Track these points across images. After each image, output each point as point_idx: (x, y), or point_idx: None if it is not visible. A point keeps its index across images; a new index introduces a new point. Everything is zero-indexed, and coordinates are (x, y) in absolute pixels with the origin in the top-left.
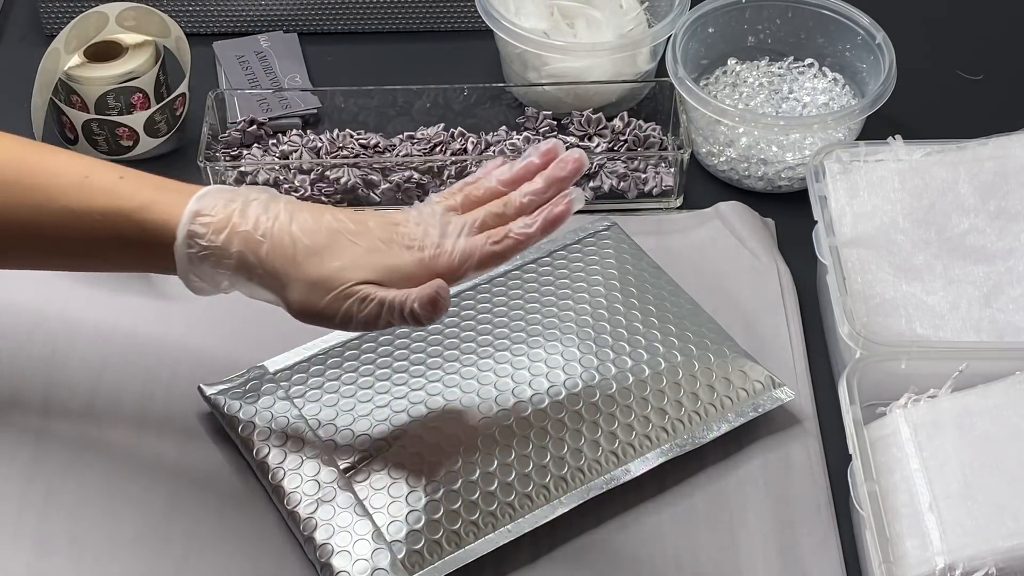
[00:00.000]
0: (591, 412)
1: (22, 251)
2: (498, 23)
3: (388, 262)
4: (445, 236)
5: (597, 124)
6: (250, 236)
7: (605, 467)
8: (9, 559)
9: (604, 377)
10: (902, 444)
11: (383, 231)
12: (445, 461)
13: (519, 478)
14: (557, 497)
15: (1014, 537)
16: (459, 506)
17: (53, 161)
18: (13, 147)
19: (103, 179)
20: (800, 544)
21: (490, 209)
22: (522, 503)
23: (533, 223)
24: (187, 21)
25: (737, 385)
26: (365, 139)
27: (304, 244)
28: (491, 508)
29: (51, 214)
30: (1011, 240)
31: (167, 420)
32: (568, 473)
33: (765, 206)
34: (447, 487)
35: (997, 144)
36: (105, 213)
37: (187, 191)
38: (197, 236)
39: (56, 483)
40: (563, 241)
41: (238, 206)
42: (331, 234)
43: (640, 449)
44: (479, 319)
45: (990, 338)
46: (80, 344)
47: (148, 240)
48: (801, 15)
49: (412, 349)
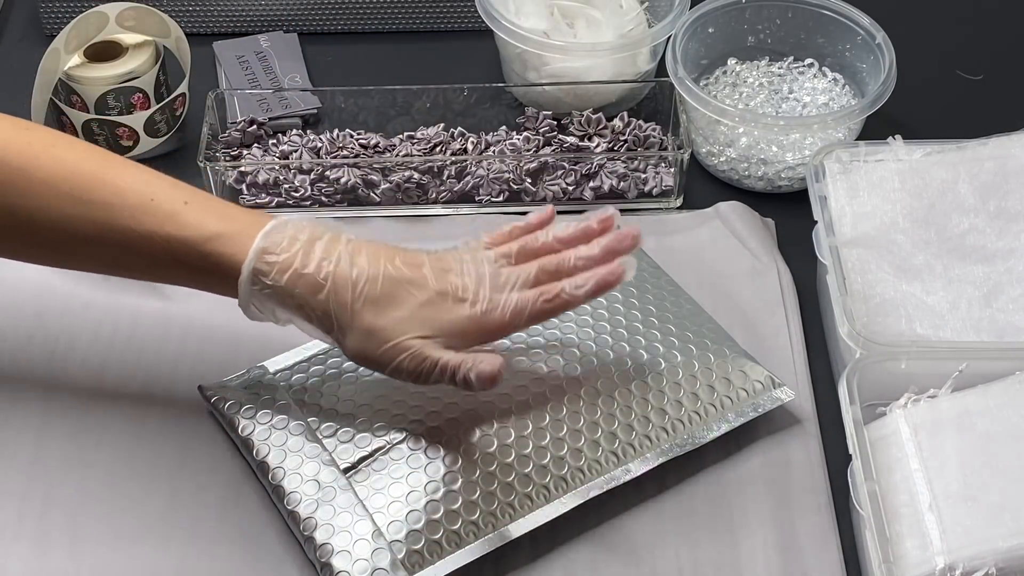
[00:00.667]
0: (591, 412)
1: (81, 260)
2: (498, 23)
3: (442, 317)
4: (497, 290)
5: (597, 124)
6: (313, 280)
7: (605, 467)
8: (9, 559)
9: (604, 377)
10: (902, 444)
11: (438, 281)
12: (445, 461)
13: (519, 478)
14: (557, 497)
15: (1014, 537)
16: (459, 506)
17: (118, 177)
18: (77, 158)
19: (168, 203)
20: (800, 544)
21: (543, 266)
22: (522, 503)
23: (584, 284)
24: (187, 21)
25: (737, 385)
26: (365, 139)
27: (363, 292)
28: (491, 508)
29: (113, 232)
30: (1011, 240)
31: (167, 420)
32: (568, 473)
33: (765, 206)
34: (447, 487)
35: (997, 144)
36: (169, 239)
37: (254, 223)
38: (262, 274)
39: (56, 483)
40: None
41: (302, 246)
42: (388, 282)
43: (640, 449)
44: None
45: (990, 338)
46: (80, 344)
47: (212, 270)
48: (801, 15)
49: None
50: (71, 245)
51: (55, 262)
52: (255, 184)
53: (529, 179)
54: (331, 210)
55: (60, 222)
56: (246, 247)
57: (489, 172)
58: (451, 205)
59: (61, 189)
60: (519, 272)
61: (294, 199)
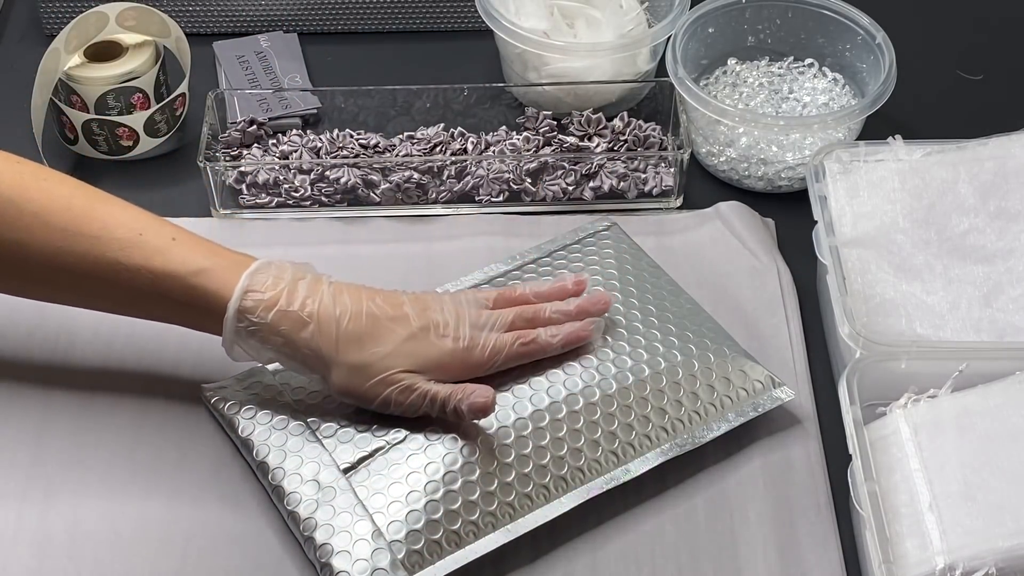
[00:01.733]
0: (590, 412)
1: (66, 293)
2: (498, 23)
3: (425, 351)
4: (478, 328)
5: (597, 124)
6: (297, 317)
7: (605, 467)
8: (9, 559)
9: (604, 377)
10: (902, 444)
11: (419, 318)
12: (445, 461)
13: (519, 478)
14: (557, 497)
15: (1014, 537)
16: (459, 506)
17: (107, 212)
18: (68, 192)
19: (156, 238)
20: (800, 544)
21: (520, 313)
22: (522, 503)
23: (558, 335)
24: (187, 21)
25: (737, 385)
26: (365, 139)
27: (347, 329)
28: (491, 508)
29: (100, 265)
30: (1011, 240)
31: (167, 420)
32: (568, 473)
33: (765, 206)
34: (447, 487)
35: (997, 144)
36: (155, 274)
37: (240, 263)
38: (248, 312)
39: (56, 483)
40: (563, 241)
41: (287, 285)
42: (372, 320)
43: (640, 449)
44: None
45: (990, 338)
46: (80, 344)
47: (197, 305)
48: (801, 15)
49: None
50: (58, 278)
51: (41, 295)
52: (255, 184)
53: (529, 179)
54: (331, 210)
55: (48, 254)
56: (232, 283)
57: (489, 172)
58: (451, 205)
59: (51, 222)
60: (498, 315)
61: (294, 199)
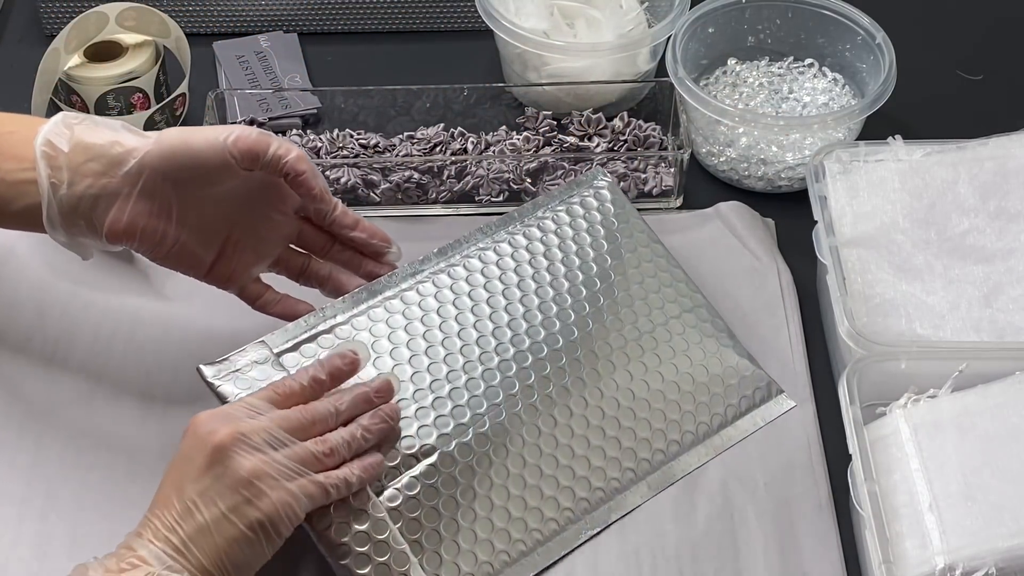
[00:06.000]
0: (585, 439)
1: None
2: (498, 23)
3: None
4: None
5: (597, 124)
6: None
7: (600, 501)
8: (9, 560)
9: (605, 395)
10: (902, 444)
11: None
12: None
13: (528, 511)
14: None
15: (1014, 537)
16: (494, 533)
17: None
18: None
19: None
20: (800, 544)
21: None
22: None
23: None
24: (187, 21)
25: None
26: (365, 139)
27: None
28: (529, 530)
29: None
30: (1011, 240)
31: (167, 421)
32: (558, 515)
33: (765, 206)
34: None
35: (997, 144)
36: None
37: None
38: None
39: (56, 484)
40: (554, 206)
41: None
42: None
43: (631, 480)
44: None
45: (990, 338)
46: (80, 346)
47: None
48: (801, 15)
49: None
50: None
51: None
52: None
53: (529, 179)
54: None
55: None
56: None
57: (489, 172)
58: (451, 205)
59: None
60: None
61: None
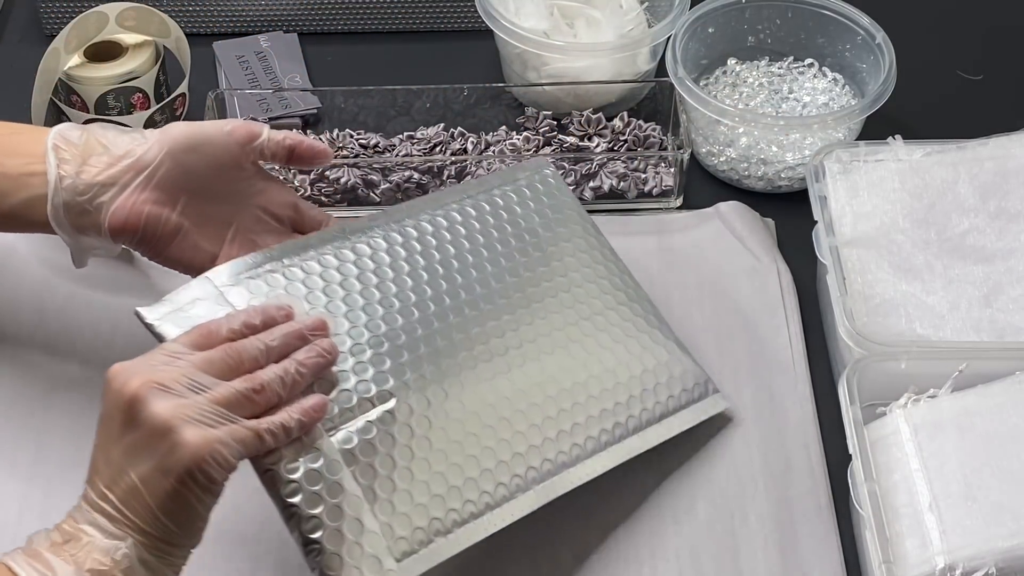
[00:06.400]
0: (532, 414)
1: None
2: (498, 23)
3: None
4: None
5: (597, 124)
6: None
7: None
8: None
9: (548, 377)
10: (902, 444)
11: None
12: (440, 439)
13: (496, 467)
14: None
15: (1014, 537)
16: (447, 491)
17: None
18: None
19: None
20: (800, 544)
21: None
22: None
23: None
24: (187, 21)
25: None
26: (365, 139)
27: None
28: (480, 492)
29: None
30: (1011, 240)
31: None
32: (540, 463)
33: (765, 206)
34: (433, 469)
35: (997, 144)
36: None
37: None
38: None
39: (56, 484)
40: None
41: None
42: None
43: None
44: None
45: (990, 338)
46: (80, 346)
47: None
48: (801, 15)
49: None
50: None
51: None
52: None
53: None
54: (331, 210)
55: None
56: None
57: (489, 172)
58: None
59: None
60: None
61: None
